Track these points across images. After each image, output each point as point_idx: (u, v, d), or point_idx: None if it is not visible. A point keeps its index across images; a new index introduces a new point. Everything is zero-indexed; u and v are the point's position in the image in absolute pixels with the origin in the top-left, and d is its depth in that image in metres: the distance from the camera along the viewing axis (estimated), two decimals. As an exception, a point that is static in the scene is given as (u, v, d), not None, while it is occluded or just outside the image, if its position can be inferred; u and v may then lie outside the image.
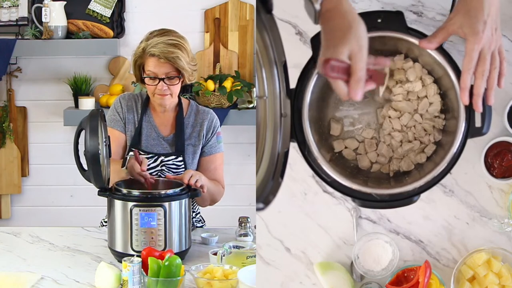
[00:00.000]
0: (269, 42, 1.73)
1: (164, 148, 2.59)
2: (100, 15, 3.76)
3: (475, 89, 1.70)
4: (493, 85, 1.71)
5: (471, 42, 1.67)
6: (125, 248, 2.25)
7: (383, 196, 1.77)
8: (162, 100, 2.52)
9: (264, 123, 1.76)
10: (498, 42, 1.71)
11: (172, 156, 2.57)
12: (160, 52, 2.44)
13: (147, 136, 2.59)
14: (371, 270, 1.93)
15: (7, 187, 3.89)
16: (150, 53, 2.46)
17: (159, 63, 2.46)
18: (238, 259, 2.16)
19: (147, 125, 2.60)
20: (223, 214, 3.69)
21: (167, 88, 2.49)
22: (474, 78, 1.70)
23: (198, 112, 2.64)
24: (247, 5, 3.79)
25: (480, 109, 1.71)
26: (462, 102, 1.72)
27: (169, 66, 2.46)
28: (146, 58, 2.48)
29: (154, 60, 2.46)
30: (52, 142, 3.90)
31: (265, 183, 1.72)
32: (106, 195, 2.30)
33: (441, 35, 1.73)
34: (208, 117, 2.63)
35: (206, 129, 2.61)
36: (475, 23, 1.67)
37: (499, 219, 1.91)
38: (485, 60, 1.68)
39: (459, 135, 1.74)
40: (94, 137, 2.18)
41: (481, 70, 1.69)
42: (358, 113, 1.89)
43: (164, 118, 2.61)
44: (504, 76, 1.73)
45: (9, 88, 3.84)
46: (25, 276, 2.15)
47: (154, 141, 2.58)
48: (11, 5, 3.71)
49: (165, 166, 2.56)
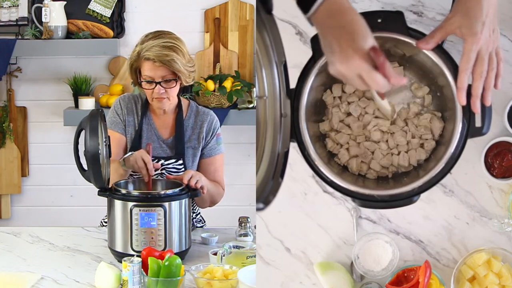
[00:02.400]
0: (269, 42, 1.73)
1: (164, 151, 2.59)
2: (100, 15, 3.76)
3: (473, 90, 1.70)
4: (490, 86, 1.71)
5: (469, 42, 1.67)
6: (125, 248, 2.25)
7: (383, 196, 1.77)
8: (160, 103, 2.50)
9: (264, 123, 1.76)
10: (495, 43, 1.71)
11: (172, 159, 2.56)
12: (155, 56, 2.41)
13: (148, 139, 2.57)
14: (371, 270, 1.93)
15: (7, 187, 3.89)
16: (145, 57, 2.43)
17: (155, 67, 2.43)
18: (238, 259, 2.15)
19: (147, 128, 2.59)
20: (223, 214, 3.69)
21: (164, 92, 2.46)
22: (472, 79, 1.70)
23: (198, 113, 2.62)
24: (247, 5, 3.79)
25: (479, 110, 1.71)
26: (459, 102, 1.72)
27: (165, 69, 2.43)
28: (141, 62, 2.46)
29: (150, 64, 2.43)
30: (52, 142, 3.90)
31: (265, 183, 1.72)
32: (106, 195, 2.30)
33: (438, 35, 1.73)
34: (208, 118, 2.62)
35: (206, 131, 2.60)
36: (473, 24, 1.67)
37: (499, 219, 1.91)
38: (483, 61, 1.69)
39: (456, 135, 1.74)
40: (94, 137, 2.18)
41: (479, 71, 1.69)
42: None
43: (164, 120, 2.60)
44: (501, 77, 1.73)
45: (9, 88, 3.84)
46: (25, 276, 2.15)
47: (154, 144, 2.56)
48: (11, 5, 3.71)
49: (165, 169, 2.56)
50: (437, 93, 1.85)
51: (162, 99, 2.48)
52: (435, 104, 1.86)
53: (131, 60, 2.50)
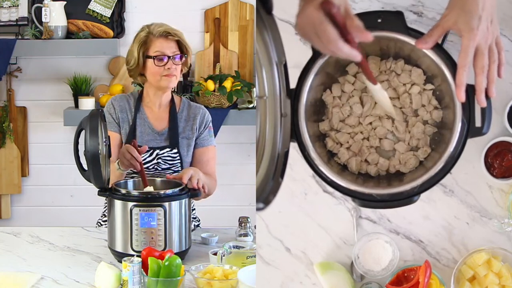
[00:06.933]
0: (269, 42, 1.73)
1: (159, 142, 2.64)
2: (100, 15, 3.76)
3: (477, 85, 1.69)
4: (493, 78, 1.70)
5: (466, 38, 1.67)
6: (125, 248, 2.25)
7: (383, 195, 1.77)
8: (168, 81, 2.58)
9: (264, 123, 1.76)
10: (494, 34, 1.70)
11: (167, 148, 2.62)
12: (165, 30, 2.56)
13: (142, 132, 2.64)
14: (371, 270, 1.93)
15: (7, 187, 3.89)
16: (158, 33, 2.56)
17: (167, 41, 2.56)
18: (238, 259, 2.15)
19: (141, 122, 2.65)
20: (223, 214, 3.69)
21: (174, 68, 2.57)
22: (475, 74, 1.69)
23: (190, 107, 2.71)
24: (247, 5, 3.78)
25: (484, 103, 1.70)
26: (458, 99, 1.71)
27: (175, 45, 2.57)
28: (151, 40, 2.57)
29: (161, 39, 2.56)
30: (52, 142, 3.90)
31: (265, 183, 1.72)
32: (106, 195, 2.30)
33: (436, 33, 1.73)
34: (200, 111, 2.70)
35: (199, 122, 2.68)
36: (469, 19, 1.66)
37: (499, 219, 1.91)
38: (483, 56, 1.68)
39: (456, 134, 1.73)
40: (94, 137, 2.18)
41: (480, 65, 1.68)
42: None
43: (158, 113, 2.66)
44: (504, 65, 1.73)
45: (9, 88, 3.84)
46: (25, 276, 2.15)
47: (149, 136, 2.64)
48: (11, 5, 3.71)
49: (160, 158, 2.61)
50: (437, 92, 1.85)
51: (172, 76, 2.57)
52: (436, 104, 1.86)
53: (139, 42, 2.59)
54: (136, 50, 2.58)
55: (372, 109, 1.87)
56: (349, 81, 1.89)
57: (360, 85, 1.89)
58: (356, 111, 1.88)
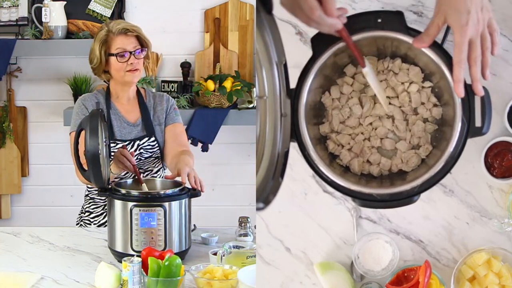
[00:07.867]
0: (269, 42, 1.73)
1: (137, 134, 2.70)
2: (100, 15, 3.76)
3: (472, 75, 1.69)
4: (487, 63, 1.71)
5: (457, 35, 1.67)
6: (125, 248, 2.25)
7: (383, 195, 1.77)
8: (133, 76, 2.66)
9: (264, 123, 1.76)
10: (485, 19, 1.70)
11: (146, 138, 2.70)
12: (124, 27, 2.63)
13: (118, 126, 2.69)
14: (371, 270, 1.93)
15: (7, 187, 3.89)
16: (117, 31, 2.62)
17: (127, 37, 2.63)
18: (238, 259, 2.15)
19: (115, 117, 2.70)
20: (223, 214, 3.70)
21: (137, 62, 2.64)
22: (469, 66, 1.69)
23: (155, 96, 2.81)
24: (247, 5, 3.78)
25: (482, 92, 1.70)
26: (456, 95, 1.71)
27: (135, 40, 2.65)
28: (111, 38, 2.63)
29: (121, 36, 2.63)
30: (52, 142, 3.90)
31: (265, 183, 1.72)
32: (106, 195, 2.30)
33: (432, 31, 1.72)
34: (164, 97, 2.81)
35: (166, 107, 2.78)
36: (458, 17, 1.66)
37: (499, 219, 1.91)
38: (476, 47, 1.68)
39: (456, 134, 1.73)
40: (94, 137, 2.18)
41: (473, 56, 1.69)
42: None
43: (129, 106, 2.74)
44: (497, 44, 1.73)
45: (9, 88, 3.84)
46: (25, 276, 2.15)
47: (126, 129, 2.70)
48: (11, 5, 3.71)
49: (142, 148, 2.68)
50: (436, 89, 1.85)
51: (135, 71, 2.65)
52: (435, 101, 1.86)
53: (100, 41, 2.64)
54: (98, 49, 2.64)
55: (371, 109, 1.87)
56: (347, 83, 1.89)
57: (358, 86, 1.89)
58: (356, 112, 1.88)
